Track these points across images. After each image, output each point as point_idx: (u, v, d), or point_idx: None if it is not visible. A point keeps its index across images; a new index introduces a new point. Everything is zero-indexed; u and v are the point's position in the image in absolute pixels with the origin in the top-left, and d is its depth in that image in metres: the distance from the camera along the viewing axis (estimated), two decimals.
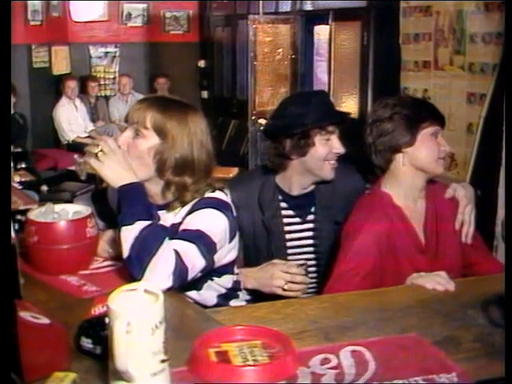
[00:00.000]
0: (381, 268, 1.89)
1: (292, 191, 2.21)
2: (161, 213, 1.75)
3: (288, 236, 2.21)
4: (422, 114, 1.97)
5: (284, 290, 1.93)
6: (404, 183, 1.98)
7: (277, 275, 1.94)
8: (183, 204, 1.77)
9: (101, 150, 1.64)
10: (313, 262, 2.21)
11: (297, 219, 2.23)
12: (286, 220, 2.22)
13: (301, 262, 2.12)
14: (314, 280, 2.18)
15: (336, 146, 2.12)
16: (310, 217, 2.23)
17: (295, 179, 2.19)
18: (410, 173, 1.96)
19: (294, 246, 2.22)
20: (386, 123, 1.95)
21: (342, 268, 1.90)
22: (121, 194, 1.65)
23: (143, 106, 1.76)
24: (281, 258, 2.11)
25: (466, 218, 2.01)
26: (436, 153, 1.95)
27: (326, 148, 2.11)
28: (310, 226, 2.23)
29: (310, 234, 2.23)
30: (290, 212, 2.22)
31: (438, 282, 1.68)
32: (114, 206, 1.73)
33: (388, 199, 1.98)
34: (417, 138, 1.94)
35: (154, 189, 1.78)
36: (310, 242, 2.23)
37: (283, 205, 2.22)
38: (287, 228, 2.22)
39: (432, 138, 1.96)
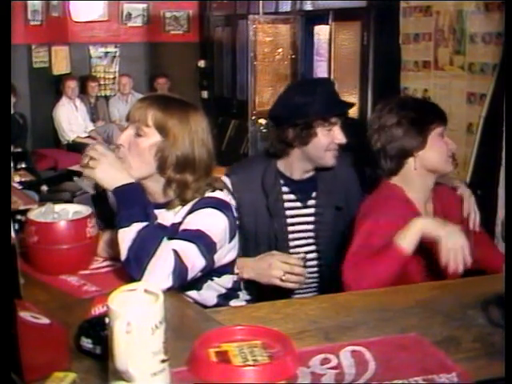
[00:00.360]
0: None
1: (293, 176, 2.23)
2: (161, 211, 1.75)
3: (289, 220, 2.23)
4: (429, 115, 1.97)
5: (282, 280, 1.93)
6: (416, 185, 1.99)
7: (275, 265, 1.94)
8: (184, 202, 1.76)
9: (91, 158, 1.65)
10: (313, 247, 2.23)
11: (298, 203, 2.24)
12: (287, 204, 2.23)
13: (302, 249, 2.15)
14: (315, 266, 2.21)
15: (338, 136, 2.14)
16: (311, 201, 2.24)
17: (296, 165, 2.21)
18: (422, 174, 1.97)
19: (295, 231, 2.24)
20: (394, 128, 1.95)
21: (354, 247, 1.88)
22: (116, 195, 1.65)
23: (144, 105, 1.76)
24: (282, 242, 2.15)
25: (471, 206, 2.07)
26: (445, 152, 1.97)
27: (328, 138, 2.12)
28: (311, 210, 2.24)
29: (311, 218, 2.24)
30: (292, 196, 2.24)
31: (457, 259, 1.71)
32: (115, 206, 1.72)
33: (402, 197, 1.98)
34: (427, 141, 1.94)
35: (155, 186, 1.78)
36: (311, 226, 2.24)
37: (285, 189, 2.23)
38: (288, 212, 2.23)
39: (440, 138, 1.97)
